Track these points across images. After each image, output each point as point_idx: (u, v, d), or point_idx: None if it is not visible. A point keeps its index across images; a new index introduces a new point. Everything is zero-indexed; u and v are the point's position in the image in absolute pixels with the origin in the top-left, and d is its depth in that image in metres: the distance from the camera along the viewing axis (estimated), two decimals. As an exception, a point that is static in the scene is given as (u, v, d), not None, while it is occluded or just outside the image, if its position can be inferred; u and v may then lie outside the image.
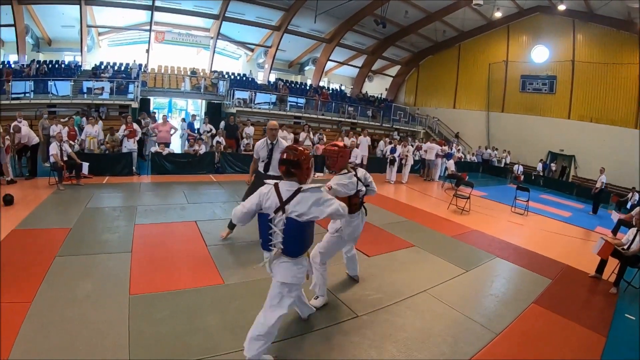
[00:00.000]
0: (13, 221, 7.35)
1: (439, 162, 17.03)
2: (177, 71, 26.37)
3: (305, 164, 3.43)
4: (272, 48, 27.33)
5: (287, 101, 25.12)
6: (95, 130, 13.02)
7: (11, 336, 3.78)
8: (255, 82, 27.43)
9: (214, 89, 24.00)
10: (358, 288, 5.36)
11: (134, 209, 8.59)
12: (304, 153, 3.46)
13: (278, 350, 3.87)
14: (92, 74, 21.89)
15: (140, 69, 23.08)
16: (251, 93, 23.73)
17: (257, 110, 23.09)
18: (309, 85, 29.85)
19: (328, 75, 33.04)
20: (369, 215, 9.20)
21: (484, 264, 6.94)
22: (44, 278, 5.08)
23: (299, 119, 24.33)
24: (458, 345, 4.19)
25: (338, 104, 27.10)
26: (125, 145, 12.67)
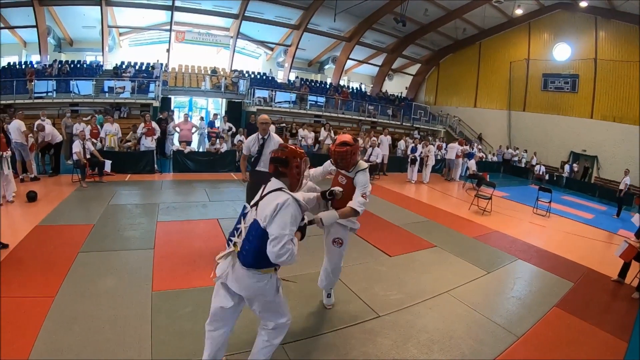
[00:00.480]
0: (37, 217, 7.47)
1: (460, 162, 16.87)
2: (197, 70, 26.59)
3: (293, 162, 3.09)
4: (292, 47, 27.40)
5: (307, 100, 25.08)
6: (114, 128, 13.17)
7: (34, 330, 3.83)
8: (275, 81, 27.49)
9: (234, 87, 24.16)
10: (379, 288, 5.32)
11: (156, 207, 8.68)
12: (295, 151, 3.16)
13: (299, 348, 3.87)
14: (113, 74, 22.19)
15: (161, 69, 23.29)
16: (271, 92, 23.78)
17: (278, 109, 23.09)
18: (329, 84, 29.81)
19: (348, 74, 32.99)
20: (390, 214, 9.36)
21: (506, 265, 6.85)
22: (67, 273, 5.15)
23: (319, 117, 24.32)
24: (479, 348, 4.14)
25: (358, 103, 27.00)
26: (142, 143, 12.80)
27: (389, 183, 14.15)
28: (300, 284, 5.13)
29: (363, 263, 6.12)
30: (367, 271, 5.88)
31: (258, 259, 2.90)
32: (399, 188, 13.48)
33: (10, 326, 3.93)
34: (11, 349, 3.56)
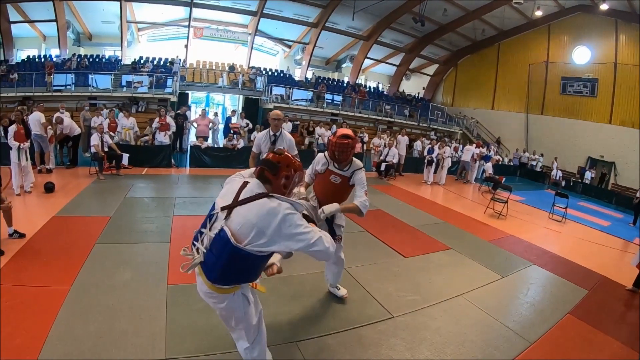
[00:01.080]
0: (54, 208, 7.58)
1: (476, 165, 16.73)
2: (215, 66, 26.70)
3: (284, 171, 2.61)
4: (310, 45, 27.42)
5: (324, 98, 25.08)
6: (130, 122, 13.31)
7: (50, 319, 3.89)
8: (293, 79, 27.58)
9: (252, 84, 24.24)
10: (394, 289, 5.29)
11: (172, 200, 8.76)
12: (291, 160, 2.67)
13: (312, 346, 3.87)
14: (131, 68, 22.42)
15: (179, 64, 23.45)
16: (288, 89, 23.84)
17: (295, 107, 23.19)
18: (346, 82, 29.76)
19: (365, 73, 32.90)
20: (405, 215, 9.33)
21: (520, 270, 6.78)
22: (84, 264, 5.21)
23: (335, 116, 24.30)
24: (492, 352, 4.10)
25: (375, 102, 26.93)
26: (156, 138, 12.91)
27: (404, 184, 14.10)
28: (313, 283, 5.15)
29: (378, 263, 6.11)
30: (382, 271, 5.86)
31: (226, 276, 2.53)
32: (415, 189, 13.42)
33: (27, 314, 3.99)
34: (27, 337, 3.61)
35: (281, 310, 4.46)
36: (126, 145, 12.43)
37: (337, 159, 4.13)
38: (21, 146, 8.44)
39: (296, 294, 4.89)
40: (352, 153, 4.17)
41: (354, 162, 4.24)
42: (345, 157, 4.10)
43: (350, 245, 6.79)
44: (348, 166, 4.21)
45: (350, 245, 6.81)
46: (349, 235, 7.30)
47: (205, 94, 27.55)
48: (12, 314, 3.98)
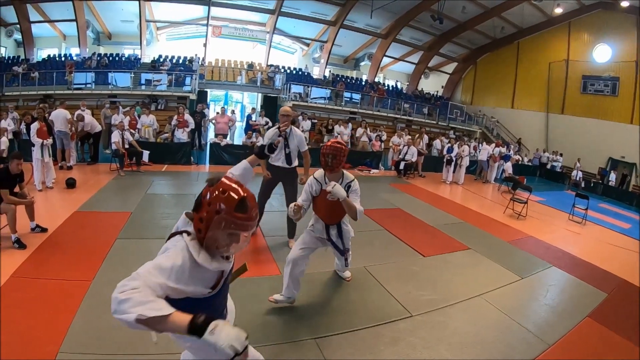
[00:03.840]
0: (75, 203, 7.73)
1: (496, 164, 16.55)
2: (233, 65, 26.85)
3: (202, 209, 1.91)
4: (328, 43, 27.35)
5: (342, 96, 25.02)
6: (150, 120, 13.49)
7: (71, 312, 3.97)
8: (311, 77, 27.57)
9: (270, 82, 24.31)
10: (412, 287, 5.28)
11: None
12: (218, 197, 1.88)
13: (331, 342, 3.89)
14: (151, 67, 22.66)
15: (198, 62, 23.64)
16: (306, 87, 23.88)
17: (313, 105, 23.22)
18: (365, 80, 29.66)
19: (384, 71, 32.69)
20: (424, 214, 9.32)
21: (540, 272, 6.70)
22: (105, 259, 5.31)
23: (354, 114, 24.17)
24: (510, 353, 4.08)
25: (394, 101, 26.78)
26: (175, 135, 13.05)
27: (423, 183, 14.03)
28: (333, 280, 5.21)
29: (397, 262, 6.11)
30: (401, 270, 5.85)
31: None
32: (434, 188, 13.34)
33: (48, 307, 4.08)
34: (48, 329, 3.69)
35: (300, 306, 4.50)
36: (146, 142, 12.60)
37: (330, 165, 4.09)
38: (44, 143, 8.60)
39: (316, 291, 4.93)
40: (343, 161, 4.15)
41: (345, 175, 4.27)
42: (338, 162, 4.09)
43: (369, 243, 6.86)
44: (340, 179, 4.21)
45: (369, 243, 6.88)
46: (368, 234, 7.36)
47: (224, 92, 27.76)
48: (33, 306, 4.08)
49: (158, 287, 1.75)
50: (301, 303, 4.55)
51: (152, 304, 1.63)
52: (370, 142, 16.74)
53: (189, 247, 1.89)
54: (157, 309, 1.62)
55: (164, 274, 1.79)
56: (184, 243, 1.91)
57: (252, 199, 1.94)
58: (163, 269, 1.80)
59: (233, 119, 15.98)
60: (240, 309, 4.10)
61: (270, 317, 4.26)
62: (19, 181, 6.02)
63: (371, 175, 14.66)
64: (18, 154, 6.02)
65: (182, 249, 1.89)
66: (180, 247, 1.90)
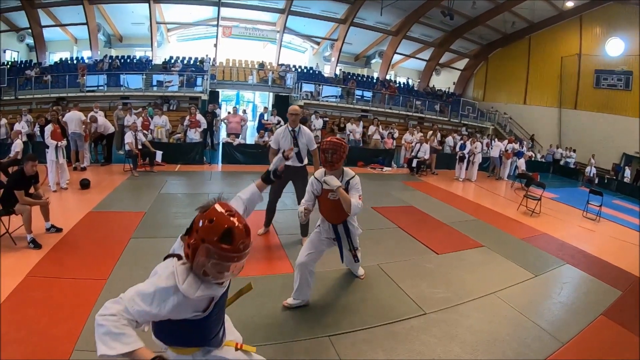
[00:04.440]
0: (90, 204, 7.83)
1: (509, 161, 16.44)
2: (244, 64, 26.95)
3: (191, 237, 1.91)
4: (338, 41, 27.33)
5: (354, 94, 24.98)
6: (162, 121, 13.60)
7: (86, 311, 4.01)
8: (322, 75, 27.57)
9: (282, 81, 24.38)
10: (426, 285, 5.27)
11: (205, 196, 8.79)
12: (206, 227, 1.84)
13: (344, 339, 3.91)
14: (162, 68, 22.87)
15: (209, 63, 23.76)
16: (317, 86, 23.89)
17: (325, 103, 23.22)
18: (376, 78, 29.58)
19: (395, 69, 32.54)
20: (438, 212, 9.32)
21: (554, 269, 6.63)
22: (120, 258, 5.38)
23: (366, 112, 24.08)
24: (524, 352, 4.05)
25: (405, 98, 26.68)
26: (188, 135, 13.15)
27: (436, 180, 13.98)
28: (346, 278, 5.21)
29: (410, 259, 6.10)
30: (415, 268, 5.84)
31: (160, 334, 2.16)
32: (447, 185, 13.29)
33: (64, 305, 4.15)
34: (64, 327, 3.75)
35: (314, 304, 4.51)
36: (159, 142, 12.69)
37: (330, 161, 4.06)
38: (58, 144, 8.71)
39: (330, 289, 4.93)
40: (343, 158, 4.11)
41: (346, 172, 4.23)
42: (338, 157, 4.05)
43: (382, 241, 6.89)
44: (340, 176, 4.17)
45: (383, 241, 6.91)
46: (382, 232, 7.40)
47: (236, 91, 27.86)
48: (49, 305, 4.15)
49: (138, 315, 1.85)
50: (315, 301, 4.56)
51: (122, 337, 1.76)
52: (382, 140, 16.69)
53: (176, 273, 1.89)
54: (125, 342, 1.75)
55: (146, 301, 1.84)
56: (172, 269, 1.91)
57: (241, 230, 1.86)
58: (145, 296, 1.85)
59: (245, 119, 16.03)
60: (254, 306, 4.18)
61: (285, 314, 4.28)
62: (34, 182, 6.10)
63: (384, 173, 14.63)
64: (33, 155, 6.11)
65: (168, 276, 1.90)
66: (167, 273, 1.91)
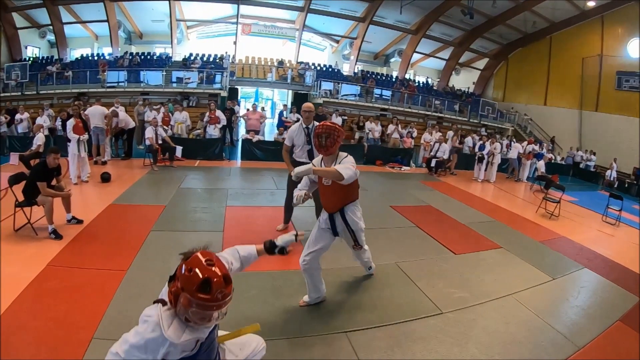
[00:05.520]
0: (110, 196, 7.98)
1: (528, 163, 16.25)
2: (263, 62, 27.10)
3: (173, 285, 2.00)
4: (358, 39, 27.36)
5: (373, 93, 24.94)
6: (183, 116, 13.77)
7: (106, 301, 4.12)
8: (341, 74, 27.61)
9: (301, 79, 24.50)
10: (443, 285, 5.26)
11: (225, 192, 9.05)
12: (185, 277, 1.91)
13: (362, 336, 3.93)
14: (182, 65, 23.11)
15: (229, 60, 23.93)
16: (337, 84, 23.93)
17: (343, 101, 23.25)
18: (395, 77, 29.51)
19: (414, 68, 32.43)
20: (456, 212, 9.29)
21: (571, 273, 6.55)
22: (139, 250, 5.48)
23: (384, 111, 24.06)
24: (540, 354, 4.03)
25: (424, 97, 26.56)
26: (207, 131, 13.28)
27: (454, 181, 13.90)
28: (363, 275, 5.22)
29: (428, 259, 6.09)
30: (432, 267, 5.83)
31: None
32: (465, 186, 13.21)
33: (84, 294, 4.25)
34: (83, 315, 3.85)
35: (331, 300, 4.54)
36: (179, 138, 12.87)
37: (324, 146, 3.94)
38: (80, 138, 8.87)
39: (347, 286, 4.95)
40: (338, 143, 3.97)
41: (340, 155, 4.06)
42: (332, 142, 3.91)
43: (400, 239, 6.91)
44: (334, 161, 4.02)
45: (401, 239, 6.92)
46: (399, 230, 7.44)
47: (255, 89, 28.00)
48: (69, 293, 4.25)
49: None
50: (332, 297, 4.59)
51: None
52: (401, 139, 16.64)
53: (161, 321, 1.92)
54: None
55: (141, 350, 1.93)
56: (157, 318, 1.95)
57: (220, 280, 1.89)
58: (140, 347, 1.93)
59: (264, 116, 16.13)
60: (272, 302, 4.21)
61: (302, 309, 4.33)
62: (56, 174, 6.22)
63: (402, 172, 14.58)
64: (55, 148, 6.24)
65: (154, 326, 1.93)
66: (153, 323, 1.94)
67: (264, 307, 4.21)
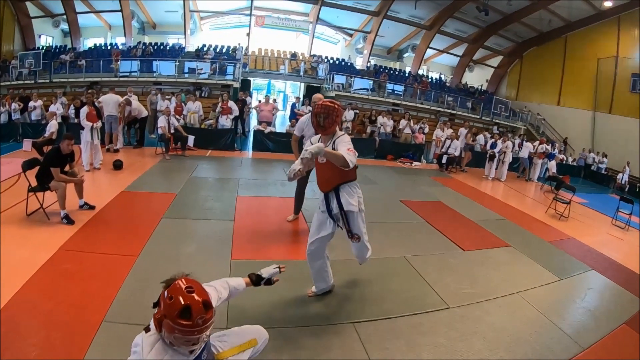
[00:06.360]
0: (122, 184, 8.11)
1: (539, 162, 16.15)
2: (276, 54, 27.10)
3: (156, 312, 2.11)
4: (371, 34, 27.21)
5: (385, 88, 24.85)
6: (195, 106, 13.83)
7: (116, 285, 4.21)
8: (354, 67, 27.53)
9: (313, 72, 24.47)
10: (451, 280, 5.29)
11: (236, 182, 9.14)
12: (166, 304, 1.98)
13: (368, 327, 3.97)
14: (195, 56, 23.18)
15: (242, 51, 23.97)
16: (349, 77, 23.88)
17: (356, 95, 23.15)
18: (408, 72, 29.36)
19: (427, 63, 32.14)
20: (465, 209, 9.31)
21: (579, 274, 6.54)
22: (150, 236, 5.57)
23: (397, 106, 23.95)
24: (544, 353, 4.04)
25: (437, 94, 26.29)
26: (219, 122, 13.37)
27: (465, 178, 13.88)
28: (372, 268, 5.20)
29: (437, 254, 6.13)
30: (441, 262, 5.86)
31: None
32: (475, 183, 13.20)
33: (95, 278, 4.35)
34: (94, 298, 3.93)
35: (340, 291, 4.59)
36: (191, 127, 12.97)
37: (323, 126, 3.87)
38: (93, 126, 8.97)
39: (355, 277, 4.99)
40: (337, 121, 3.91)
41: (337, 134, 3.97)
42: (330, 122, 3.84)
43: (409, 234, 6.97)
44: (331, 139, 3.93)
45: (410, 234, 6.98)
46: (409, 225, 7.50)
47: (267, 80, 28.01)
48: (81, 277, 4.36)
49: None
50: (340, 288, 4.64)
51: None
52: (413, 135, 16.60)
53: (142, 345, 2.03)
54: None
55: None
56: (139, 347, 2.05)
57: (199, 306, 1.94)
58: None
59: (277, 107, 16.16)
60: (281, 291, 4.26)
61: (311, 300, 4.38)
62: (70, 161, 6.32)
63: (413, 168, 14.58)
64: (70, 134, 6.32)
65: (139, 354, 2.04)
66: (139, 350, 2.05)
67: (274, 296, 4.24)
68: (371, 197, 9.16)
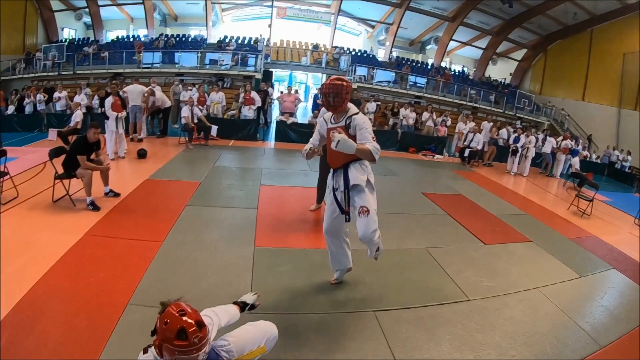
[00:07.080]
0: (146, 172, 8.28)
1: (563, 158, 15.91)
2: (298, 45, 27.13)
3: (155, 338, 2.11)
4: (394, 25, 27.03)
5: (407, 80, 24.74)
6: (219, 97, 13.97)
7: (142, 269, 4.34)
8: (376, 59, 27.43)
9: (335, 64, 24.47)
10: (471, 273, 5.31)
11: (259, 171, 9.27)
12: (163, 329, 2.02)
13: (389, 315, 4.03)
14: (216, 47, 23.34)
15: (264, 43, 24.06)
16: (371, 69, 23.82)
17: (378, 87, 23.14)
18: (431, 64, 29.15)
19: (450, 56, 31.78)
20: (487, 203, 9.30)
21: (600, 272, 6.46)
22: (175, 223, 5.70)
23: (419, 98, 23.87)
24: (562, 349, 4.04)
25: (460, 86, 26.05)
26: (242, 112, 13.50)
27: (487, 172, 13.76)
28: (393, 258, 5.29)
29: (458, 247, 6.15)
30: (461, 255, 5.88)
31: None
32: (498, 178, 13.08)
33: (121, 262, 4.48)
34: (120, 282, 4.07)
35: (361, 280, 4.65)
36: (214, 118, 13.13)
37: (333, 105, 3.82)
38: (118, 116, 9.15)
39: (376, 266, 4.97)
40: (347, 99, 3.83)
41: (350, 110, 3.89)
42: (340, 100, 3.78)
43: (431, 226, 7.01)
44: (343, 116, 3.87)
45: (432, 226, 7.03)
46: (431, 217, 7.56)
47: (289, 72, 28.08)
48: (107, 261, 4.49)
49: None
50: (362, 277, 4.69)
51: None
52: (435, 127, 16.51)
53: None
54: None
55: None
56: None
57: (193, 327, 2.01)
58: None
59: (299, 98, 16.22)
60: (305, 278, 4.35)
61: (333, 287, 4.46)
62: (96, 149, 6.47)
63: (435, 161, 14.54)
64: (96, 123, 6.48)
65: None
66: None
67: (297, 282, 4.36)
68: (393, 189, 9.26)
